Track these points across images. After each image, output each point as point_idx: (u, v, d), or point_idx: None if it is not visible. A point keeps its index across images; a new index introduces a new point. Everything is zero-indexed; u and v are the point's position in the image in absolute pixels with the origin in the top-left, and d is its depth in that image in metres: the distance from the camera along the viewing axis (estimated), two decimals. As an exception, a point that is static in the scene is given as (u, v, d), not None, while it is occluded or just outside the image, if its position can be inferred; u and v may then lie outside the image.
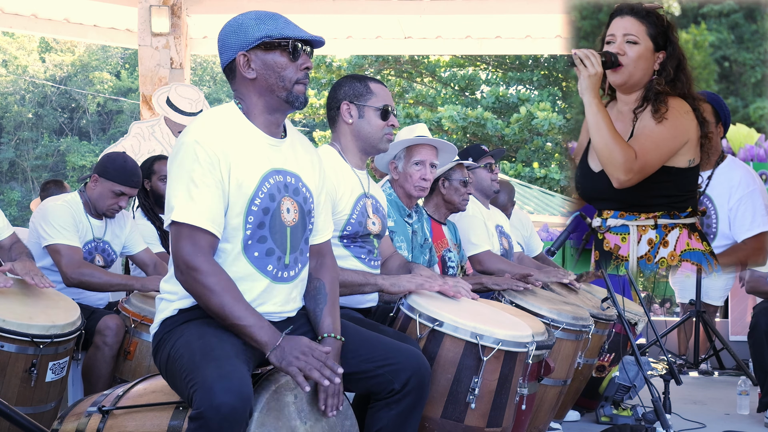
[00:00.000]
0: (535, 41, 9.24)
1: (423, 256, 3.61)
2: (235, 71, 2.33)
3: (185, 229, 2.19)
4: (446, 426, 2.60)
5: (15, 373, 2.97)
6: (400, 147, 3.50)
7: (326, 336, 2.37)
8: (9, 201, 24.92)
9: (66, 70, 27.39)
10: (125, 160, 3.88)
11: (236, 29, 2.30)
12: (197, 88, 7.95)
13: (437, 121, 18.11)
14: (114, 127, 26.48)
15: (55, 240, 3.65)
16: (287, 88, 2.31)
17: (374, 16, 8.69)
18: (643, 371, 3.73)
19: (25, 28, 9.26)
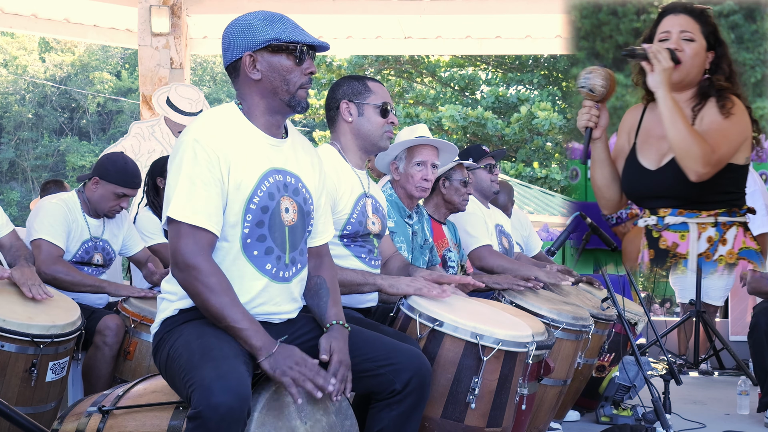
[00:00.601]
0: (535, 41, 9.23)
1: (423, 257, 3.61)
2: (239, 70, 2.33)
3: (185, 227, 2.19)
4: (446, 426, 2.61)
5: (15, 372, 2.98)
6: (401, 147, 3.50)
7: (334, 323, 2.37)
8: (9, 201, 24.92)
9: (66, 70, 27.40)
10: (125, 161, 3.88)
11: (244, 29, 2.30)
12: (197, 88, 7.95)
13: (437, 121, 18.12)
14: (114, 127, 26.49)
15: (38, 235, 3.65)
16: (291, 91, 2.32)
17: (374, 16, 8.69)
18: (643, 371, 3.73)
19: (25, 28, 9.26)
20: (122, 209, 3.89)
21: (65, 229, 3.72)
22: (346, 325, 2.40)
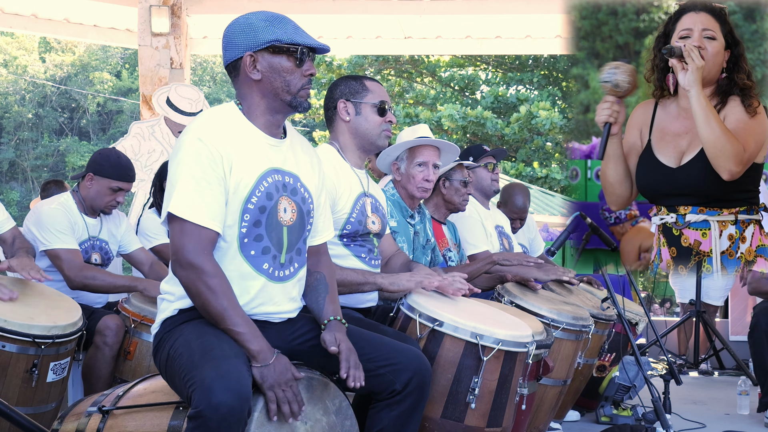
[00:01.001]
0: (535, 41, 9.24)
1: (425, 257, 3.61)
2: (239, 70, 2.33)
3: (189, 226, 2.19)
4: (446, 426, 2.61)
5: (16, 373, 2.97)
6: (402, 148, 3.50)
7: (332, 319, 2.38)
8: (9, 201, 24.91)
9: (66, 70, 27.39)
10: (118, 156, 3.91)
11: (245, 29, 2.30)
12: (197, 88, 7.96)
13: (437, 121, 18.11)
14: (114, 127, 26.48)
15: (53, 245, 3.65)
16: (292, 92, 2.33)
17: (374, 16, 8.69)
18: (643, 371, 3.73)
19: (25, 28, 9.26)
20: (119, 204, 3.89)
21: (72, 231, 3.74)
22: (343, 321, 2.40)
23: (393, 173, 3.57)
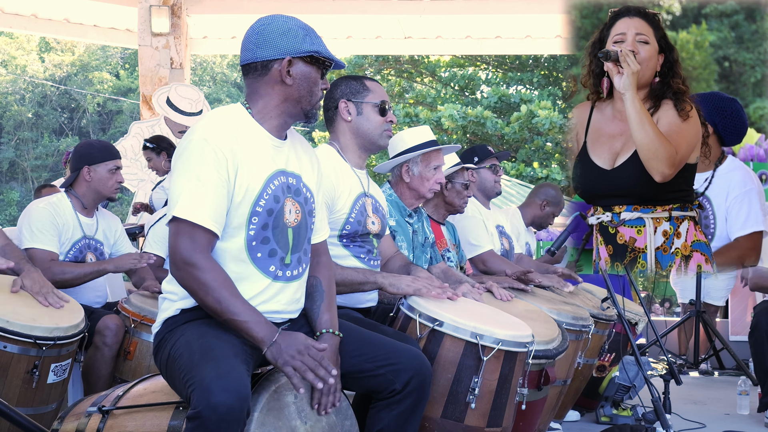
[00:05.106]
0: (535, 41, 9.25)
1: (424, 255, 3.62)
2: (268, 69, 2.32)
3: (185, 225, 2.19)
4: (446, 426, 2.61)
5: (17, 374, 2.97)
6: (417, 154, 3.49)
7: (324, 332, 2.37)
8: (9, 201, 24.92)
9: (66, 70, 27.39)
10: (98, 141, 4.20)
11: (285, 32, 2.30)
12: (197, 88, 7.97)
13: (437, 121, 18.10)
14: (114, 127, 26.48)
15: (31, 243, 3.64)
16: (312, 103, 2.37)
17: (374, 16, 8.71)
18: (643, 371, 3.73)
19: (25, 28, 9.27)
20: (120, 184, 3.94)
21: (55, 232, 3.71)
22: (337, 332, 2.39)
23: (401, 174, 3.56)
